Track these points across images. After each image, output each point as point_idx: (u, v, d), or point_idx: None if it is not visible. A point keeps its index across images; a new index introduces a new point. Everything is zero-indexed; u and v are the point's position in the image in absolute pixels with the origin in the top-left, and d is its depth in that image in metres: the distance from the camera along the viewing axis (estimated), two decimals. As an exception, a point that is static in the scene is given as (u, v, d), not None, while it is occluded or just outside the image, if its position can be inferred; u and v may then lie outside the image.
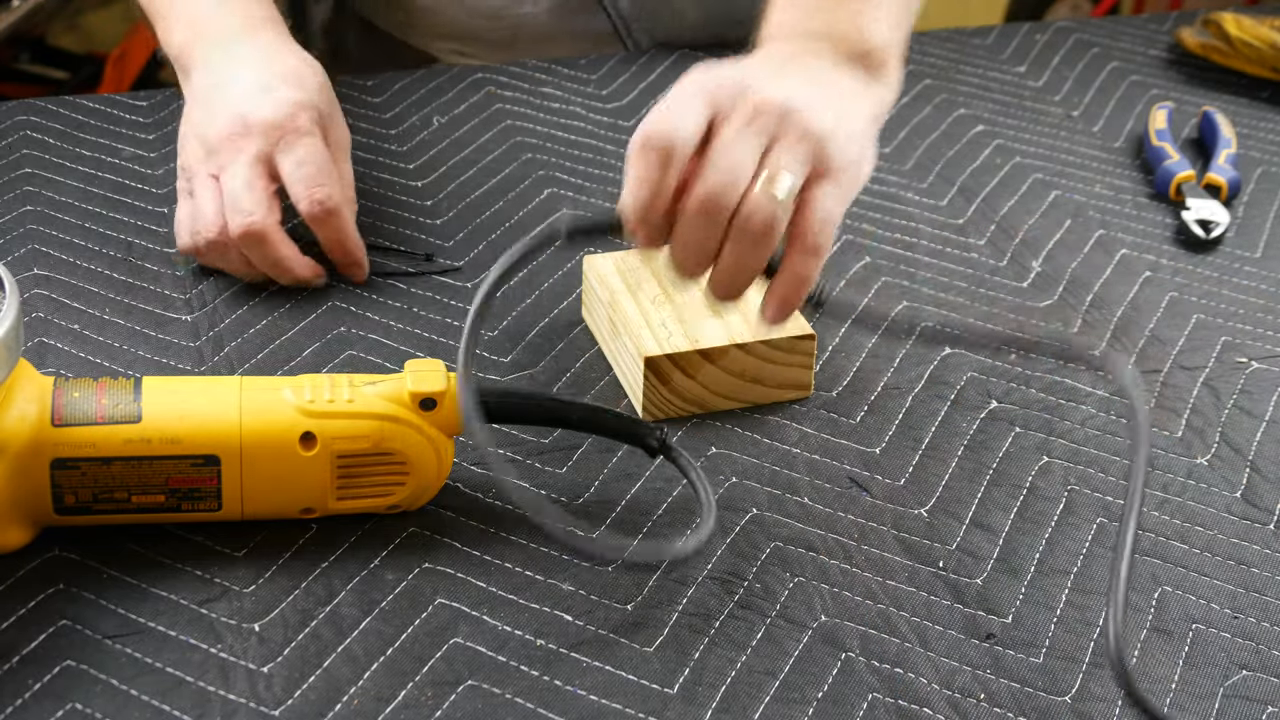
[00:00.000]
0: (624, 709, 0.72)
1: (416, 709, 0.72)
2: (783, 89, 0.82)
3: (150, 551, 0.79)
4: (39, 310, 0.96)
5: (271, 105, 0.97)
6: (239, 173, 0.96)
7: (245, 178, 0.96)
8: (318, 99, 1.00)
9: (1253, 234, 1.12)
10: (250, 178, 0.96)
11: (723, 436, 0.89)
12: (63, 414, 0.76)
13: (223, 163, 0.97)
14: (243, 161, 0.96)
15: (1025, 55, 1.35)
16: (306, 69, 1.02)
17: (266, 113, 0.97)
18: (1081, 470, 0.89)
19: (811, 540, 0.83)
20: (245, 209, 0.95)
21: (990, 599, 0.80)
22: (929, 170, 1.17)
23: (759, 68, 0.87)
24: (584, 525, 0.83)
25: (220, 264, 0.98)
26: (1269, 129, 1.25)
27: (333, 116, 1.02)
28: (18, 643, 0.74)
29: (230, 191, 0.96)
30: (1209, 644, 0.78)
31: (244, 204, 0.95)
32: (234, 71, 1.00)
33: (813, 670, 0.75)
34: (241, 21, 1.04)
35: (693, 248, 0.81)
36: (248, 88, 0.99)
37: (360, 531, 0.81)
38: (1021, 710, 0.74)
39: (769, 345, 0.90)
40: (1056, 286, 1.04)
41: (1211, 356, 0.98)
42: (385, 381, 0.80)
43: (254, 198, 0.95)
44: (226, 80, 1.00)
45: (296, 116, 0.98)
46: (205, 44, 1.03)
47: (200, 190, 0.97)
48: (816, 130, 0.81)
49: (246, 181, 0.95)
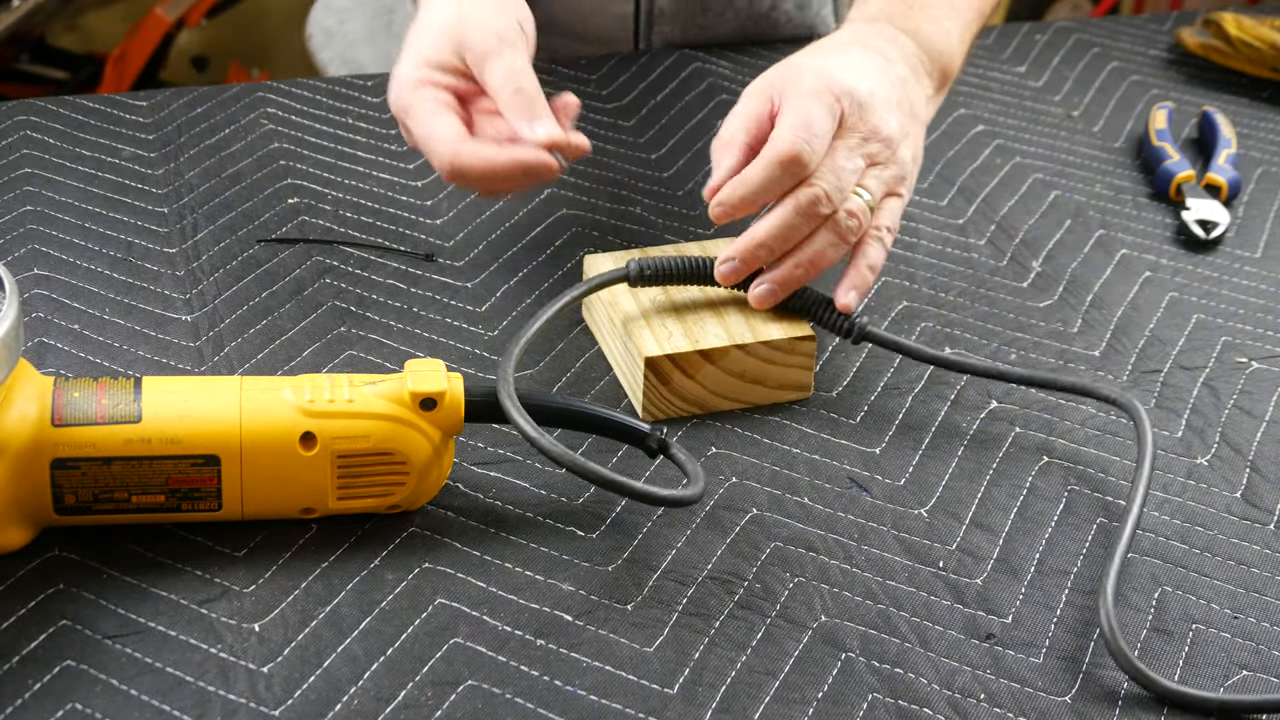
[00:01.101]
0: (624, 709, 0.72)
1: (416, 709, 0.72)
2: (890, 120, 0.92)
3: (150, 551, 0.79)
4: (39, 310, 0.96)
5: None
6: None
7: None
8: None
9: (1253, 234, 1.12)
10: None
11: (723, 436, 0.89)
12: (63, 414, 0.76)
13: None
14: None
15: (1025, 55, 1.35)
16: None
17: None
18: (1081, 470, 0.89)
19: (811, 540, 0.83)
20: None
21: (990, 599, 0.80)
22: (929, 170, 1.17)
23: (863, 71, 0.94)
24: (584, 525, 0.83)
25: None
26: (1269, 129, 1.25)
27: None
28: (18, 643, 0.74)
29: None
30: (1209, 644, 0.78)
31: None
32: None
33: (813, 670, 0.75)
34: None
35: (778, 235, 0.90)
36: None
37: (360, 531, 0.81)
38: (1021, 710, 0.74)
39: (769, 346, 0.90)
40: (1056, 286, 1.04)
41: (1211, 356, 0.98)
42: (385, 381, 0.80)
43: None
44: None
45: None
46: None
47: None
48: (904, 160, 0.94)
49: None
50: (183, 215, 1.06)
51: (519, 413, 0.80)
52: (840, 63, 0.93)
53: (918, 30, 0.99)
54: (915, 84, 0.97)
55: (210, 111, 1.17)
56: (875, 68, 0.94)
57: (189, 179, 1.09)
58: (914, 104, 0.96)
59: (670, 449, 0.83)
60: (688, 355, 0.89)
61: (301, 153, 1.13)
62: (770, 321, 0.91)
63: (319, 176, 1.10)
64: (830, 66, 0.92)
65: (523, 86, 0.92)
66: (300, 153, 1.13)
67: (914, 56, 0.98)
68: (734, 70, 1.26)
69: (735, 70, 1.26)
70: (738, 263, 0.91)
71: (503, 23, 0.94)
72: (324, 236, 1.04)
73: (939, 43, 1.00)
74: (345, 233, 1.05)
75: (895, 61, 0.96)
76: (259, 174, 1.10)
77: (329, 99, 1.20)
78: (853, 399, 0.93)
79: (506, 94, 0.92)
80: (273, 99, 1.19)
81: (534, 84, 0.93)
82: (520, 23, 0.95)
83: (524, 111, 0.92)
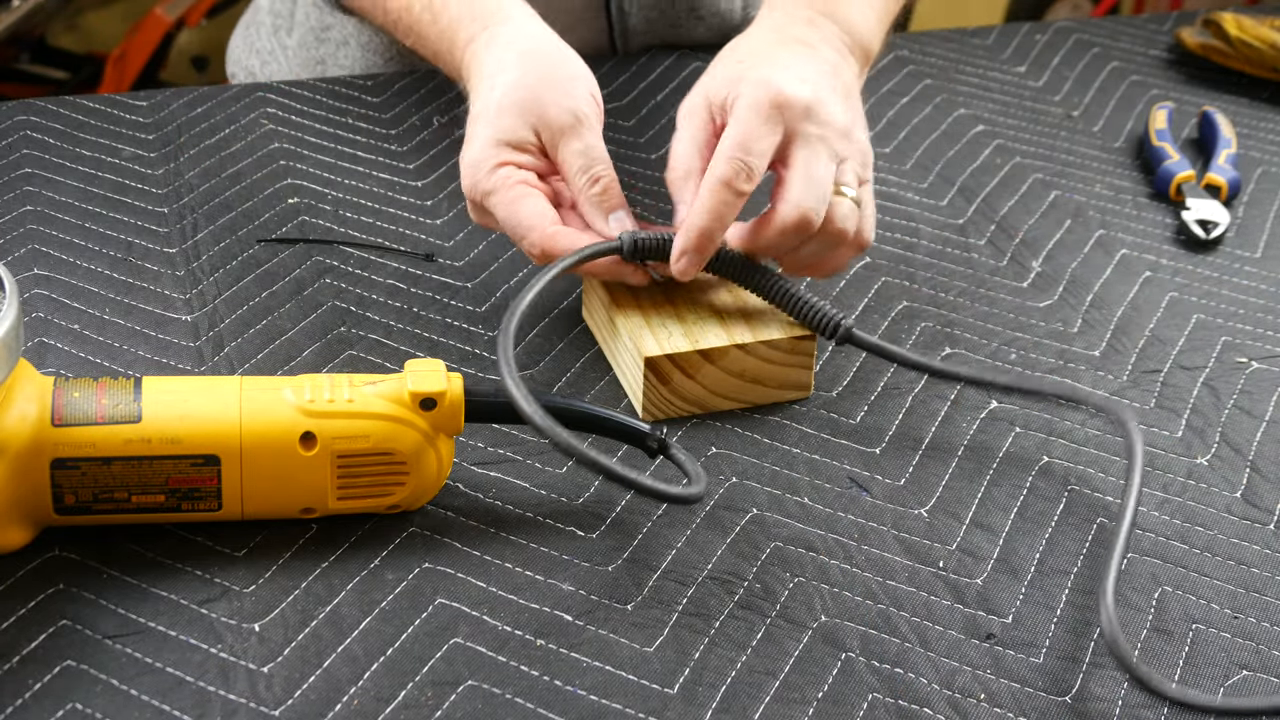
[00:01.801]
0: (624, 709, 0.72)
1: (416, 709, 0.72)
2: (837, 111, 0.91)
3: (150, 551, 0.79)
4: (39, 310, 0.96)
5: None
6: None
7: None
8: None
9: (1253, 234, 1.12)
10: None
11: (723, 436, 0.89)
12: (63, 414, 0.76)
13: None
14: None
15: (1025, 55, 1.35)
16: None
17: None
18: (1081, 470, 0.89)
19: (811, 540, 0.83)
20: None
21: (990, 599, 0.80)
22: (929, 170, 1.17)
23: (800, 69, 0.92)
24: (584, 525, 0.83)
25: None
26: (1269, 129, 1.25)
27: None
28: (18, 643, 0.74)
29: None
30: (1209, 644, 0.78)
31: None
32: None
33: (813, 670, 0.75)
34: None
35: (774, 251, 0.90)
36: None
37: (360, 531, 0.81)
38: (1021, 710, 0.74)
39: (769, 346, 0.90)
40: (1056, 286, 1.04)
41: (1211, 356, 0.98)
42: (385, 381, 0.80)
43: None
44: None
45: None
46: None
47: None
48: (864, 147, 0.93)
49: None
50: (183, 215, 1.06)
51: (525, 398, 0.78)
52: (772, 68, 0.91)
53: (834, 12, 0.99)
54: (844, 64, 0.97)
55: (210, 111, 1.17)
56: (804, 60, 0.93)
57: (189, 179, 1.09)
58: (848, 85, 0.95)
59: (670, 449, 0.83)
60: (688, 355, 0.89)
61: (301, 153, 1.13)
62: (770, 321, 0.91)
63: (319, 176, 1.10)
64: (765, 75, 0.90)
65: (598, 174, 0.90)
66: (300, 153, 1.13)
67: (836, 38, 0.98)
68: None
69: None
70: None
71: (577, 99, 0.92)
72: (324, 236, 1.04)
73: (858, 25, 1.00)
74: (345, 233, 1.05)
75: (820, 46, 0.96)
76: (259, 174, 1.10)
77: (329, 99, 1.20)
78: (853, 399, 0.93)
79: (582, 182, 0.90)
80: (273, 99, 1.19)
81: (609, 170, 0.91)
82: (593, 94, 0.93)
83: (600, 204, 0.90)
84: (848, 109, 0.93)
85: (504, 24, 0.96)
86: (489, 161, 0.91)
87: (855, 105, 0.95)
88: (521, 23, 0.97)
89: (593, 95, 0.93)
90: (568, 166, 0.91)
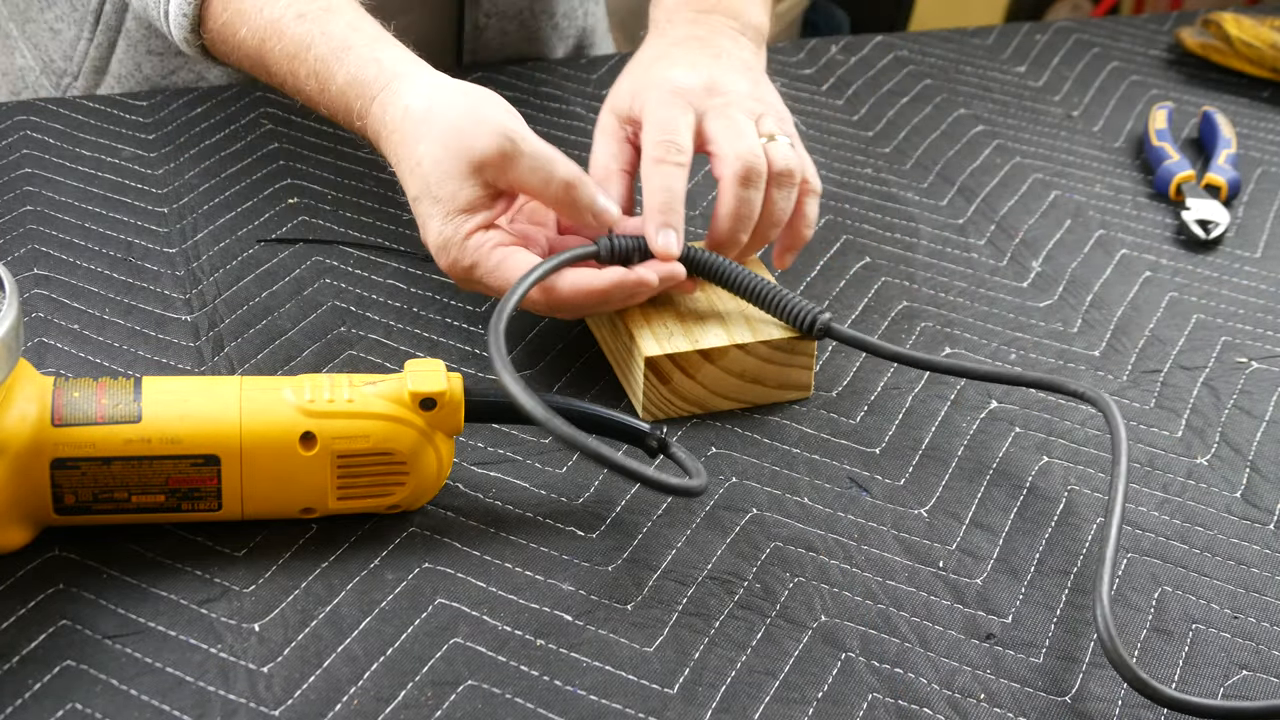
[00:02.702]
0: (624, 709, 0.72)
1: (416, 709, 0.72)
2: (739, 82, 0.96)
3: (150, 551, 0.79)
4: (39, 310, 0.96)
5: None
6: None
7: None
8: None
9: (1253, 234, 1.12)
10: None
11: (723, 436, 0.89)
12: (63, 414, 0.76)
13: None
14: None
15: (1025, 55, 1.35)
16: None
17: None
18: (1081, 470, 0.89)
19: (811, 540, 0.83)
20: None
21: (990, 599, 0.80)
22: (929, 170, 1.17)
23: (689, 59, 0.98)
24: (584, 525, 0.83)
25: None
26: (1269, 129, 1.25)
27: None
28: (18, 643, 0.74)
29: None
30: (1209, 644, 0.78)
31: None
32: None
33: (813, 670, 0.75)
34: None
35: (742, 216, 0.91)
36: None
37: (360, 531, 0.81)
38: (1021, 710, 0.74)
39: (769, 346, 0.90)
40: (1056, 286, 1.04)
41: (1211, 356, 0.98)
42: (385, 381, 0.80)
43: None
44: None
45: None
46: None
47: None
48: (777, 106, 0.97)
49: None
50: (183, 215, 1.06)
51: (522, 392, 0.77)
52: (668, 68, 0.97)
53: (716, 6, 1.04)
54: (737, 46, 1.02)
55: (210, 111, 1.17)
56: (695, 52, 0.99)
57: (189, 179, 1.09)
58: (746, 61, 1.00)
59: (670, 448, 0.83)
60: (688, 355, 0.89)
61: (301, 153, 1.13)
62: (770, 322, 0.91)
63: (319, 176, 1.10)
64: (662, 75, 0.96)
65: (561, 178, 0.87)
66: (300, 153, 1.13)
67: (724, 26, 1.03)
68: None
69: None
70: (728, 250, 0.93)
71: (493, 120, 0.87)
72: (324, 236, 1.04)
73: (741, 10, 1.05)
74: (345, 233, 1.05)
75: (710, 37, 1.01)
76: (259, 174, 1.10)
77: (329, 99, 1.20)
78: (853, 399, 0.93)
79: (553, 194, 0.87)
80: (273, 99, 1.19)
81: (565, 166, 0.87)
82: (505, 106, 0.90)
83: (576, 208, 0.88)
84: (749, 80, 0.98)
85: (391, 92, 0.91)
86: (456, 237, 0.87)
87: (758, 78, 1.00)
88: (404, 84, 0.91)
89: (505, 106, 0.90)
90: (528, 185, 0.88)
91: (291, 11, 0.97)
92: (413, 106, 0.89)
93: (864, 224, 1.09)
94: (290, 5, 0.97)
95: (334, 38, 0.94)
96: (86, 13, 1.21)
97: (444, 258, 0.89)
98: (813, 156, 1.17)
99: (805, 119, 1.23)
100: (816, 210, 0.96)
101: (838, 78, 1.29)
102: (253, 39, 0.98)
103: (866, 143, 1.20)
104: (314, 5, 0.97)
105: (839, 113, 1.24)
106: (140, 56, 1.22)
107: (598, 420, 0.83)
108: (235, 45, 1.00)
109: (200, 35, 1.03)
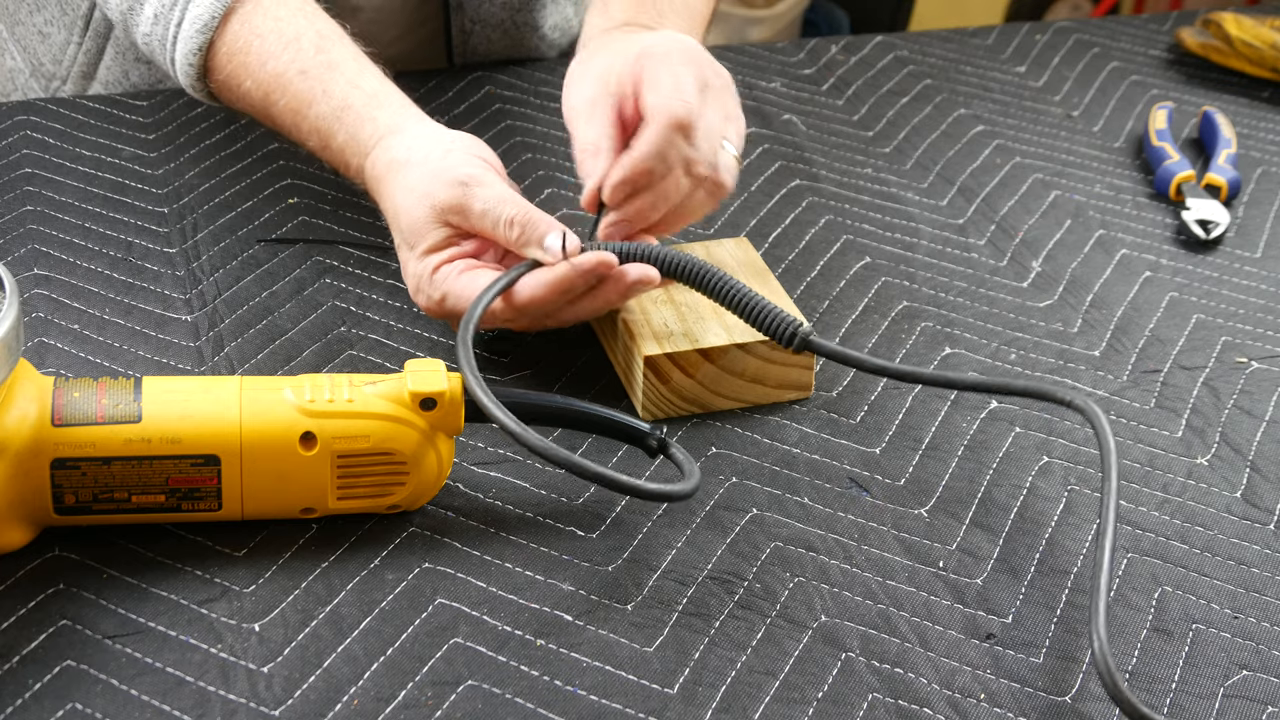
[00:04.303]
0: (624, 709, 0.72)
1: (416, 709, 0.72)
2: (721, 71, 0.97)
3: (150, 551, 0.79)
4: (39, 310, 0.96)
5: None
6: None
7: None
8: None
9: (1253, 234, 1.12)
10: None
11: (723, 436, 0.89)
12: (63, 414, 0.76)
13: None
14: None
15: (1025, 55, 1.35)
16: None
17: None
18: (1081, 470, 0.89)
19: (811, 540, 0.83)
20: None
21: (990, 599, 0.80)
22: (929, 170, 1.17)
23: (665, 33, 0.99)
24: (584, 525, 0.83)
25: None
26: (1269, 129, 1.25)
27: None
28: (18, 643, 0.74)
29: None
30: (1209, 644, 0.78)
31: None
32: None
33: (813, 670, 0.75)
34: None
35: (670, 202, 0.93)
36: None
37: (360, 531, 0.81)
38: (1021, 710, 0.74)
39: (769, 345, 0.90)
40: (1056, 286, 1.04)
41: (1211, 356, 0.98)
42: (385, 381, 0.80)
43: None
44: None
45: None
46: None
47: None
48: (736, 105, 0.99)
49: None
50: (183, 215, 1.06)
51: (490, 399, 0.79)
52: (656, 39, 0.97)
53: (657, 25, 1.04)
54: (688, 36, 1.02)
55: (210, 111, 1.17)
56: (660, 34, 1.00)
57: (189, 179, 1.09)
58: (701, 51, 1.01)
59: (670, 448, 0.83)
60: (687, 354, 0.89)
61: (301, 153, 1.13)
62: (770, 321, 0.91)
63: (319, 176, 1.10)
64: (662, 43, 0.96)
65: (509, 218, 0.89)
66: (300, 153, 1.13)
67: (672, 14, 1.05)
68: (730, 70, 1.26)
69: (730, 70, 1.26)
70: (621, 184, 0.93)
71: (456, 169, 0.91)
72: (324, 236, 1.04)
73: (679, 4, 1.06)
74: (345, 233, 1.05)
75: (657, 28, 1.02)
76: (259, 174, 1.10)
77: (329, 99, 1.20)
78: (853, 399, 0.93)
79: (501, 235, 0.90)
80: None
81: (516, 206, 0.89)
82: (477, 156, 0.92)
83: (526, 244, 0.89)
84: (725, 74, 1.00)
85: (383, 148, 0.95)
86: (425, 272, 0.91)
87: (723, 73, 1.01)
88: (394, 139, 0.95)
89: (477, 156, 0.92)
90: (484, 230, 0.90)
91: (294, 68, 0.99)
92: (395, 160, 0.94)
93: (864, 224, 1.09)
94: (293, 61, 0.99)
95: (334, 97, 0.97)
96: (76, 18, 1.22)
97: (420, 297, 0.92)
98: (813, 156, 1.18)
99: (805, 119, 1.23)
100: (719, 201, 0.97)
101: (838, 78, 1.29)
102: (257, 91, 1.00)
103: (866, 143, 1.20)
104: (316, 60, 0.99)
105: (839, 113, 1.24)
106: (128, 64, 1.23)
107: (598, 420, 0.83)
108: (240, 95, 1.02)
109: (206, 83, 1.04)
